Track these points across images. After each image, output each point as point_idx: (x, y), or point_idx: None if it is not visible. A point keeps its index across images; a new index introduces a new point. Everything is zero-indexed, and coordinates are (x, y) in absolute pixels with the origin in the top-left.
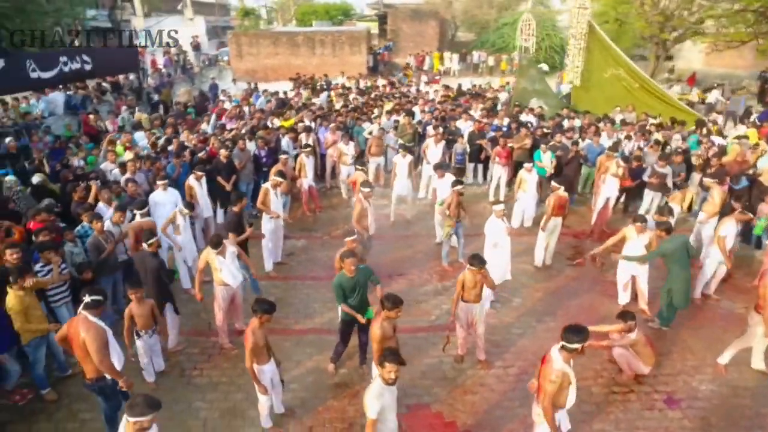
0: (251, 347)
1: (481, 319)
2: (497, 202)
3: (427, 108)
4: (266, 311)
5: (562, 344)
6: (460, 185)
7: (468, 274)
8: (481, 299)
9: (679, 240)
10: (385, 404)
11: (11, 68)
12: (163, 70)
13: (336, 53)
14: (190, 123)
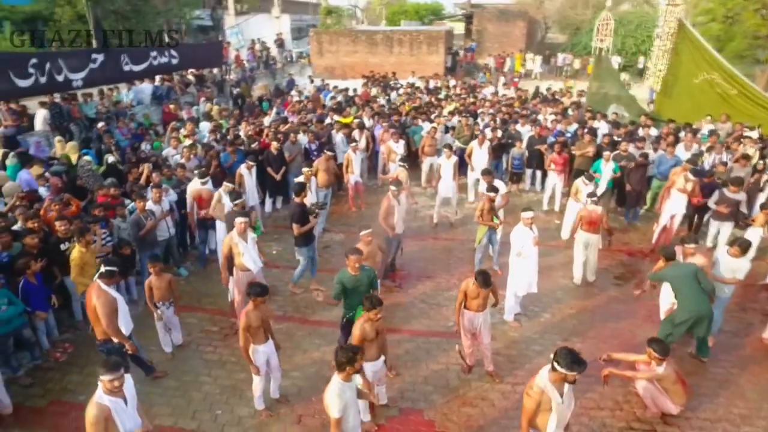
0: (244, 326)
1: (486, 328)
2: (526, 209)
3: (491, 110)
4: (258, 294)
5: (551, 364)
6: (493, 191)
7: (471, 284)
8: (486, 308)
9: (683, 268)
10: (347, 401)
11: (109, 62)
12: (246, 65)
13: (413, 52)
14: (256, 115)
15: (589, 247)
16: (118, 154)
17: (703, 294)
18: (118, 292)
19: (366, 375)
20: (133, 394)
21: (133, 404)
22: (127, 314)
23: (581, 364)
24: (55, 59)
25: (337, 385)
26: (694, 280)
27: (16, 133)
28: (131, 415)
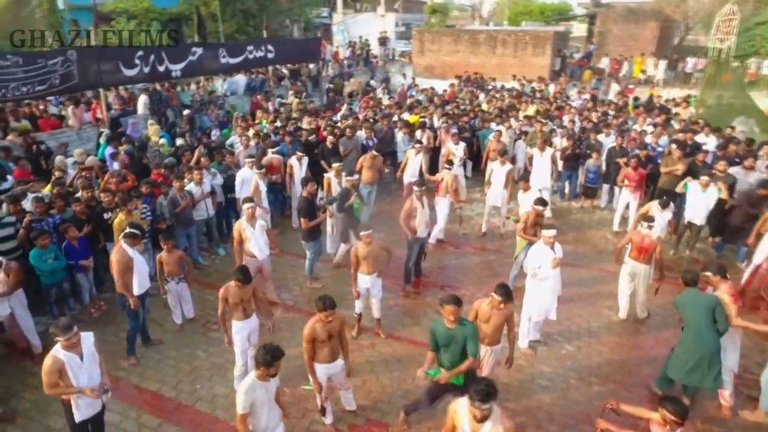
0: (221, 297)
1: (489, 364)
2: (548, 227)
3: (576, 118)
4: (239, 280)
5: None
6: (542, 205)
7: (484, 305)
8: (496, 344)
9: (701, 298)
10: (256, 400)
11: (208, 55)
12: (345, 62)
13: (517, 54)
14: (336, 110)
15: (636, 278)
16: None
17: (712, 333)
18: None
19: (318, 377)
20: (92, 352)
21: (92, 361)
22: (144, 276)
23: (486, 399)
24: (158, 52)
25: (248, 382)
26: (707, 315)
27: (121, 116)
28: (87, 371)
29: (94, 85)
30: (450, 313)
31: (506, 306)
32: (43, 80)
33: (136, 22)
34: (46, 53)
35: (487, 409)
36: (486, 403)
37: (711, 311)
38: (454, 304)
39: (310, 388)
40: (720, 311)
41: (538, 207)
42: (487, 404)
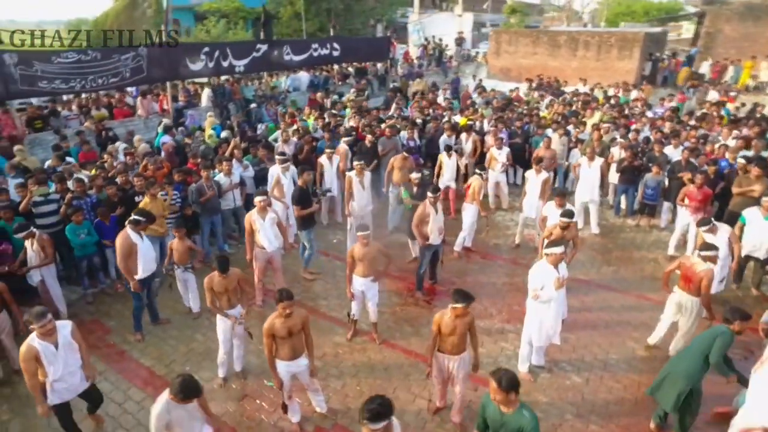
0: (206, 287)
1: (461, 376)
2: (553, 243)
3: (646, 128)
4: (218, 268)
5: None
6: (568, 217)
7: (446, 317)
8: (462, 352)
9: (710, 331)
10: (172, 420)
11: (272, 52)
12: (415, 61)
13: (600, 57)
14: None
15: (683, 310)
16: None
17: (696, 357)
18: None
19: (280, 374)
20: (68, 341)
21: (68, 350)
22: (149, 260)
23: (375, 419)
24: (223, 48)
25: (160, 404)
26: (704, 342)
27: (185, 108)
28: (62, 359)
29: (161, 78)
30: (502, 397)
31: (468, 312)
32: (115, 73)
33: (224, 21)
34: (120, 49)
35: (379, 429)
36: (376, 423)
37: (712, 338)
38: (511, 389)
39: (272, 384)
40: (721, 342)
41: (564, 219)
42: (378, 424)
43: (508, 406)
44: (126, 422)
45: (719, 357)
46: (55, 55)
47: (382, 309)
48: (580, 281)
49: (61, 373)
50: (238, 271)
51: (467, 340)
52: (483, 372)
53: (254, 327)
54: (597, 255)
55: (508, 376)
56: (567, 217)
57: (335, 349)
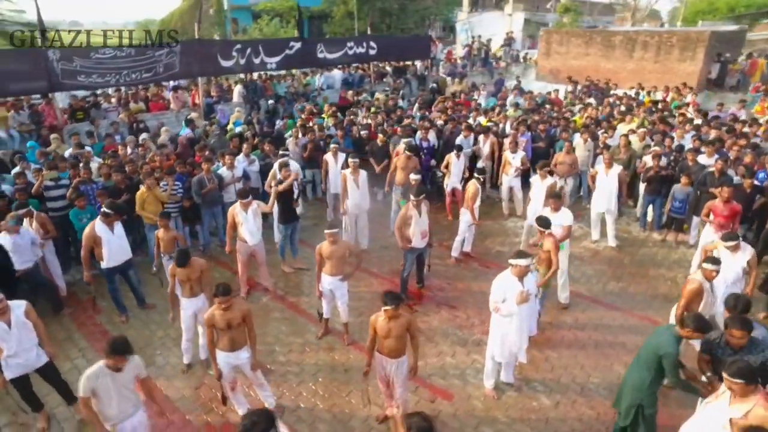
0: (170, 274)
1: (399, 381)
2: (520, 254)
3: (688, 135)
4: (178, 262)
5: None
6: (542, 226)
7: (381, 319)
8: (400, 356)
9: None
10: (99, 387)
11: (305, 50)
12: (458, 61)
13: (659, 58)
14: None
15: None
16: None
17: (641, 371)
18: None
19: (220, 364)
20: (22, 320)
21: (22, 329)
22: (117, 252)
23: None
24: (255, 45)
25: (93, 368)
26: (648, 354)
27: (216, 103)
28: (15, 337)
29: (193, 74)
30: None
31: (401, 313)
32: (149, 68)
33: (277, 19)
34: (154, 46)
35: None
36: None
37: (656, 355)
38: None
39: (212, 373)
40: (668, 365)
41: (539, 227)
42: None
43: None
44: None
45: (676, 378)
46: (93, 52)
47: (361, 310)
48: (580, 296)
49: (15, 350)
50: (203, 263)
51: (407, 344)
52: (445, 382)
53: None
54: (608, 269)
55: (419, 426)
56: (541, 225)
57: (303, 346)
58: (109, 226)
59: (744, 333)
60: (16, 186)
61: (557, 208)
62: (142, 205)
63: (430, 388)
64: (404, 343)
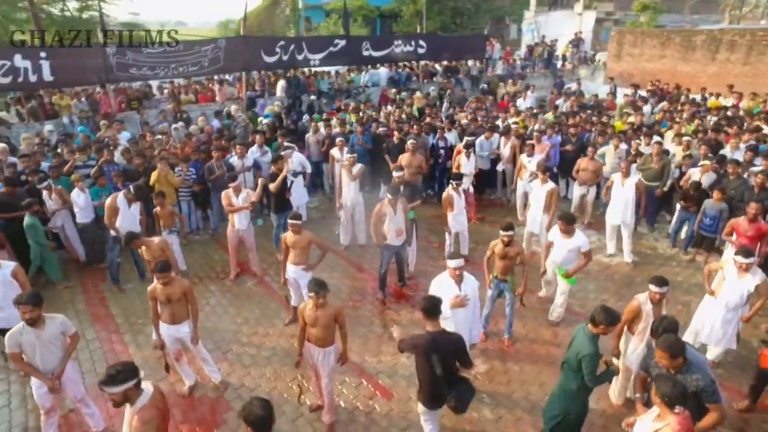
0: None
1: (326, 371)
2: (452, 256)
3: (742, 143)
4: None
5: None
6: (507, 231)
7: (308, 307)
8: (328, 345)
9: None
10: (24, 342)
11: (350, 47)
12: (517, 62)
13: (749, 60)
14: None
15: None
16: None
17: (567, 375)
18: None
19: (162, 335)
20: (8, 279)
21: (8, 286)
22: (128, 225)
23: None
24: (299, 42)
25: (17, 326)
26: (571, 360)
27: (258, 96)
28: (1, 294)
29: (236, 69)
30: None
31: (324, 300)
32: (195, 62)
33: (341, 18)
34: (201, 41)
35: (117, 393)
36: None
37: (577, 359)
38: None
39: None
40: (587, 367)
41: (504, 233)
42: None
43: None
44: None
45: (592, 380)
46: (145, 46)
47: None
48: (569, 310)
49: (0, 304)
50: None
51: (335, 333)
52: (390, 381)
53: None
54: (612, 286)
55: (249, 412)
56: (506, 230)
57: (268, 330)
58: (128, 203)
59: (665, 354)
60: (50, 165)
61: (568, 232)
62: (158, 183)
63: (374, 385)
64: (332, 333)
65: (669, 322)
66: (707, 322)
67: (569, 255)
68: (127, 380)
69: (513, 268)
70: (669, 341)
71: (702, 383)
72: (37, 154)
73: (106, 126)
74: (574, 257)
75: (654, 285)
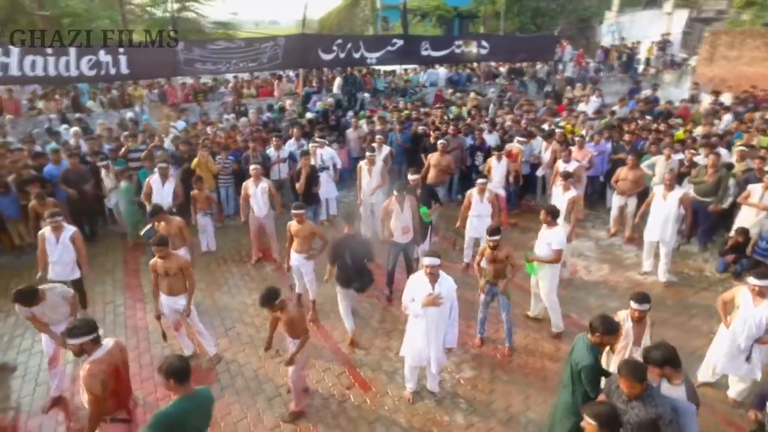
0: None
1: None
2: (427, 254)
3: None
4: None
5: None
6: (494, 235)
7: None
8: (291, 338)
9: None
10: (35, 311)
11: (408, 47)
12: (591, 65)
13: None
14: None
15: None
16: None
17: (570, 392)
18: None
19: (161, 305)
20: (67, 242)
21: (65, 246)
22: (163, 201)
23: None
24: (356, 41)
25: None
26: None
27: (315, 93)
28: (58, 251)
29: (294, 65)
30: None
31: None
32: (254, 59)
33: (419, 17)
34: (261, 38)
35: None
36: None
37: (577, 369)
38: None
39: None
40: (586, 377)
41: (490, 237)
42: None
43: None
44: (93, 314)
45: (596, 391)
46: (209, 42)
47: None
48: (579, 326)
49: (56, 260)
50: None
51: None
52: (372, 375)
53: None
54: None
55: (171, 363)
56: (492, 235)
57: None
58: (162, 181)
59: (624, 379)
60: (110, 148)
61: (548, 224)
62: (199, 168)
63: (355, 376)
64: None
65: (665, 348)
66: (722, 353)
67: (546, 248)
68: (83, 335)
69: (504, 272)
70: (631, 365)
71: (662, 417)
72: (100, 138)
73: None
74: (549, 252)
75: (633, 301)
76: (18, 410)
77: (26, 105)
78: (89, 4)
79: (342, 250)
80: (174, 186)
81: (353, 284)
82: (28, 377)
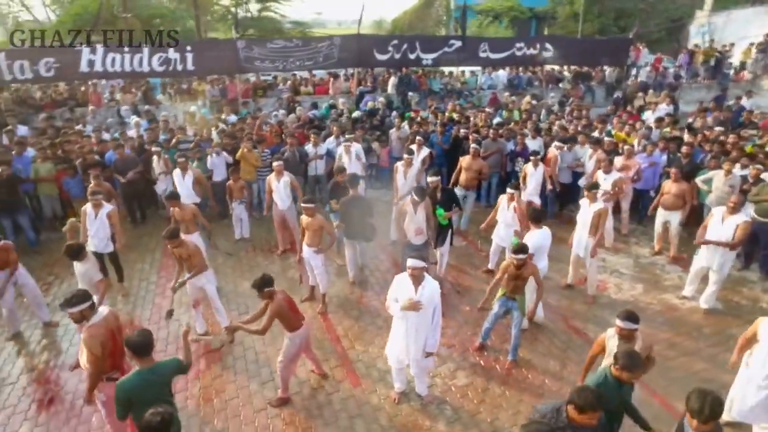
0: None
1: (279, 357)
2: (414, 255)
3: None
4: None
5: None
6: (520, 254)
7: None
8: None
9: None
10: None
11: (467, 48)
12: (670, 69)
13: None
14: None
15: None
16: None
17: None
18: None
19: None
20: (103, 218)
21: (101, 222)
22: (184, 191)
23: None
24: (412, 41)
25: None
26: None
27: (369, 92)
28: (95, 225)
29: (349, 64)
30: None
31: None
32: (310, 57)
33: (488, 19)
34: (318, 38)
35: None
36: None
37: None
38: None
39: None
40: (614, 385)
41: (515, 256)
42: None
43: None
44: (129, 288)
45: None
46: (268, 41)
47: (364, 293)
48: (588, 340)
49: (93, 233)
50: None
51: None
52: (365, 371)
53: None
54: (668, 331)
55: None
56: (519, 252)
57: None
58: (182, 174)
59: (572, 408)
60: (164, 138)
61: (531, 226)
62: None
63: (348, 371)
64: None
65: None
66: (738, 395)
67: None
68: (80, 303)
69: (523, 288)
70: (584, 394)
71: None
72: (157, 128)
73: (228, 110)
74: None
75: (618, 318)
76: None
77: (107, 97)
78: (177, 6)
79: (350, 207)
80: (192, 179)
81: (359, 236)
82: (66, 336)
